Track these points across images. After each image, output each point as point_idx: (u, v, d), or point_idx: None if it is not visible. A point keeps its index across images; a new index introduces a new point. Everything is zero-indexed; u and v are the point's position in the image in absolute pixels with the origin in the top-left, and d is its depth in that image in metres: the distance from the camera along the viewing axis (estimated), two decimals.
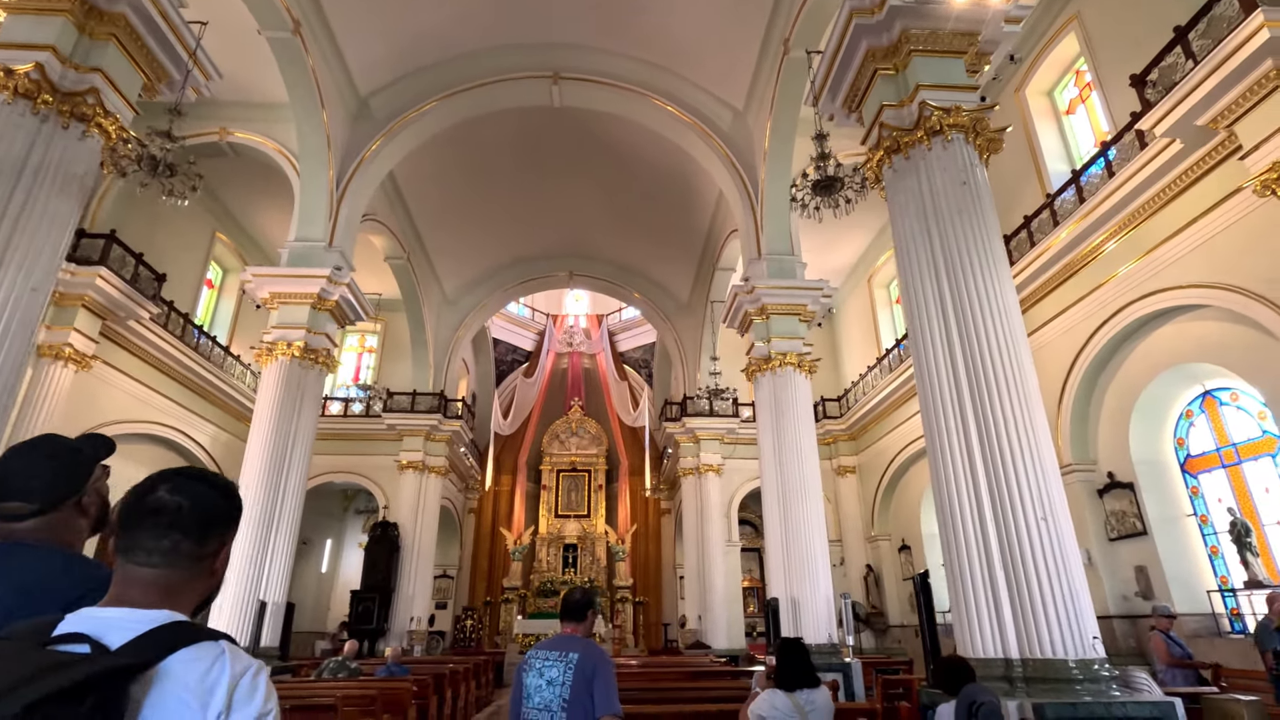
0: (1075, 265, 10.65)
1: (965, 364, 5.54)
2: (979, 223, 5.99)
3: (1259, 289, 7.80)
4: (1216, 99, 7.60)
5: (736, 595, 18.28)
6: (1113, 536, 10.14)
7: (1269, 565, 8.44)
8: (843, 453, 19.66)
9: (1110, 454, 10.44)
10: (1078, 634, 4.75)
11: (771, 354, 11.51)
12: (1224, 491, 9.16)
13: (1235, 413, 9.10)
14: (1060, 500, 5.17)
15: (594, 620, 3.28)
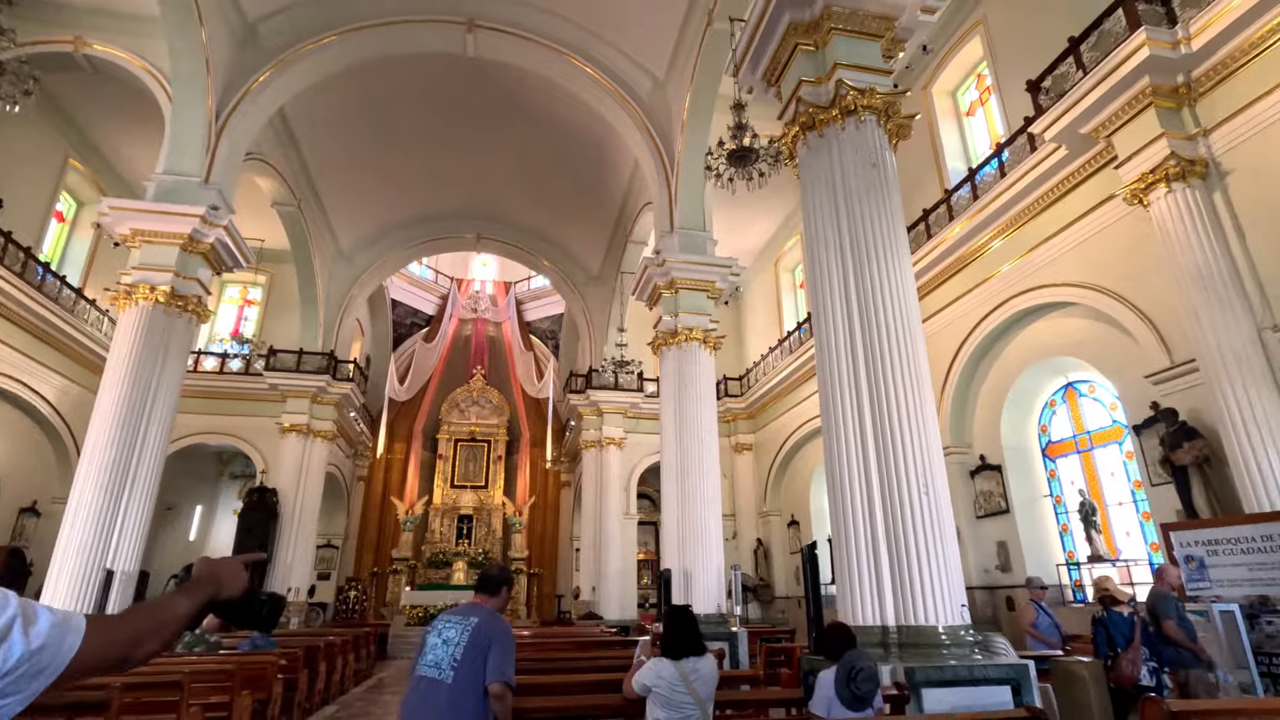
0: (966, 259, 11.25)
1: (863, 341, 5.65)
2: (885, 205, 6.09)
3: (1120, 290, 8.49)
4: (1099, 110, 8.13)
5: (631, 567, 18.47)
6: (980, 514, 10.92)
7: (1109, 542, 9.34)
8: (741, 430, 20.16)
9: (983, 438, 11.20)
10: (949, 603, 4.98)
11: (678, 329, 11.50)
12: (1076, 475, 10.03)
13: (1091, 404, 9.96)
14: (941, 477, 5.38)
15: (507, 595, 3.37)
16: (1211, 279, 7.06)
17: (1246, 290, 6.96)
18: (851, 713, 3.27)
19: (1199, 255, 7.18)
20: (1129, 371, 8.57)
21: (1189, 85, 7.59)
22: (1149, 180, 7.65)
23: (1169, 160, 7.45)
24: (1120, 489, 9.39)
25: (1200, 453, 7.16)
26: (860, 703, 3.28)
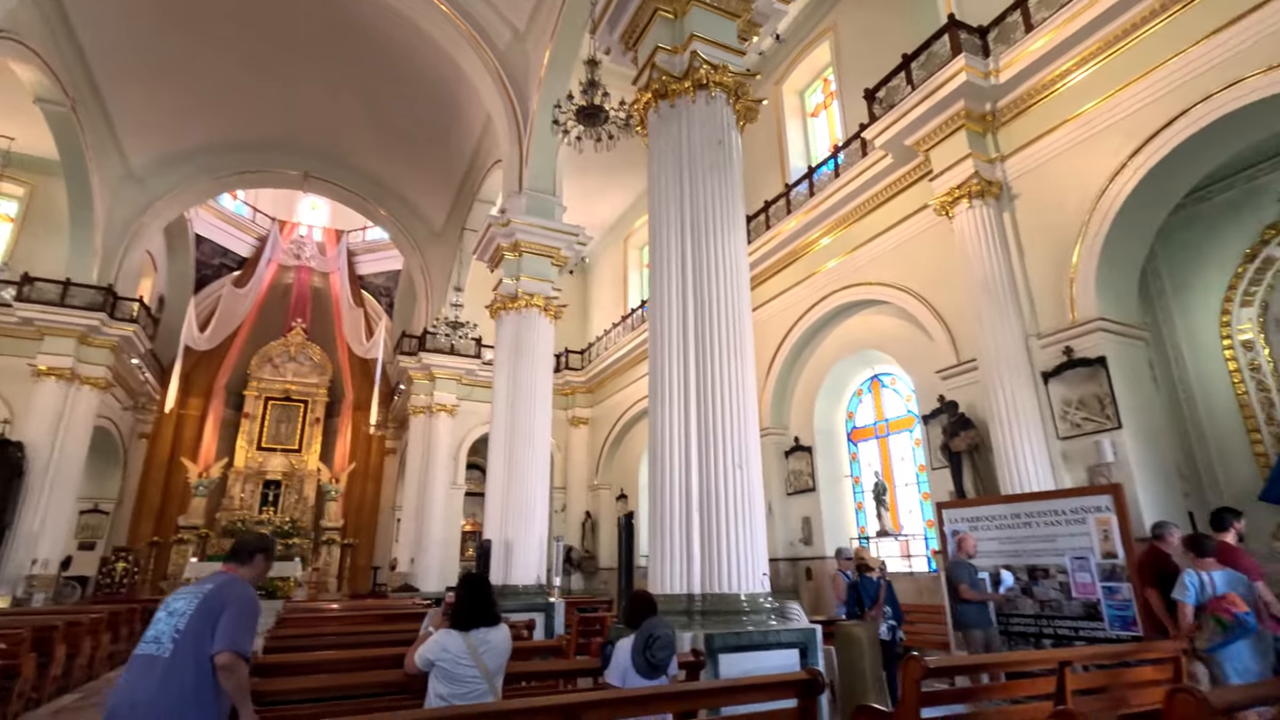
0: (798, 253, 11.90)
1: (695, 315, 5.67)
2: (727, 184, 6.15)
3: (924, 293, 9.37)
4: (921, 125, 8.85)
5: (455, 538, 17.85)
6: (790, 491, 11.71)
7: (895, 518, 10.41)
8: (579, 404, 20.13)
9: (799, 421, 11.99)
10: (752, 572, 5.16)
11: (519, 293, 11.09)
12: (874, 458, 11.06)
13: (892, 394, 11.00)
14: (755, 452, 5.55)
15: (262, 565, 2.94)
16: (995, 289, 7.97)
17: (1020, 301, 7.94)
18: (646, 680, 3.21)
19: (987, 267, 8.07)
20: (924, 367, 9.52)
21: (994, 114, 8.47)
22: (955, 195, 8.47)
23: (972, 179, 8.29)
24: (908, 472, 10.48)
25: (973, 441, 8.11)
26: (655, 670, 3.24)
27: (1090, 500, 6.39)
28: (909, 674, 3.20)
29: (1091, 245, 7.37)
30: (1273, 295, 7.70)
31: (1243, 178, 8.01)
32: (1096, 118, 7.45)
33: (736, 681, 2.98)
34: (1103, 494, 6.33)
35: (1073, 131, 7.67)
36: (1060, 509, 6.59)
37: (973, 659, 3.52)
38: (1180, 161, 6.92)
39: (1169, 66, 6.81)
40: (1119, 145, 7.21)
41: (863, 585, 6.46)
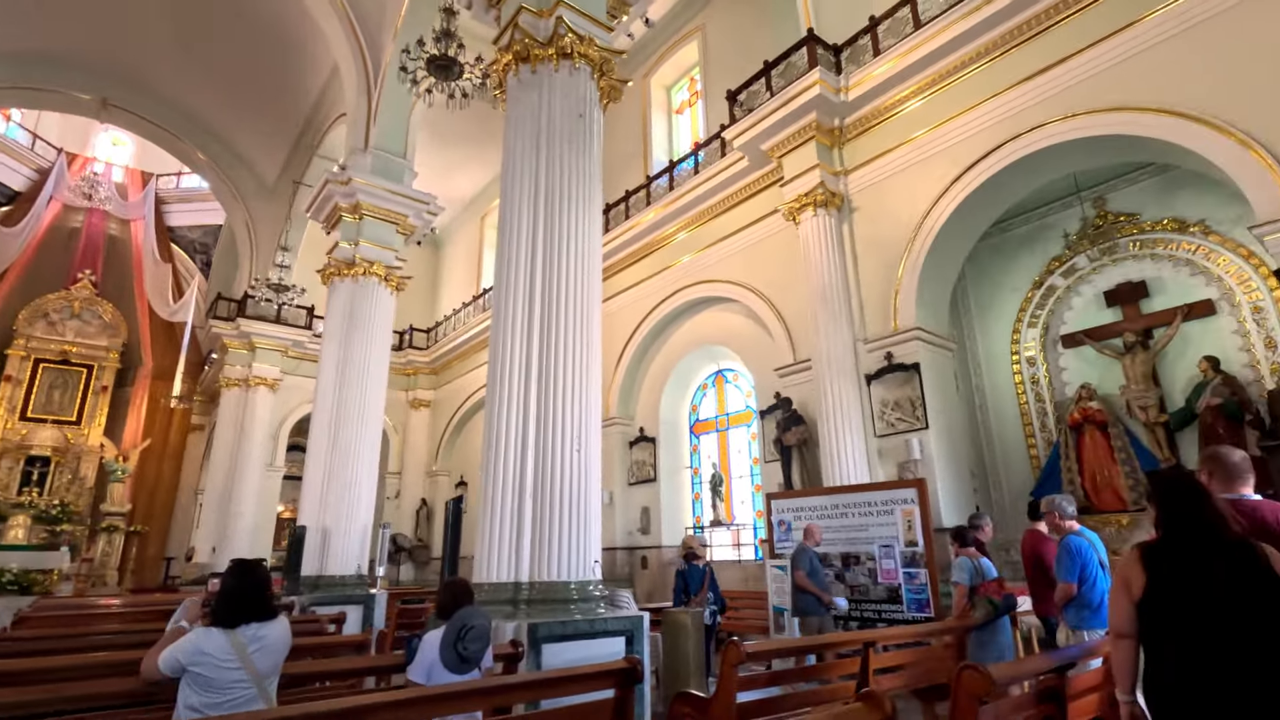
0: (654, 245, 11.98)
1: (543, 291, 5.42)
2: (586, 160, 5.94)
3: (769, 294, 9.77)
4: (776, 132, 9.19)
5: (268, 525, 16.18)
6: (632, 481, 11.79)
7: (728, 509, 10.81)
8: (422, 385, 19.05)
9: (645, 413, 12.11)
10: (584, 559, 5.01)
11: (357, 259, 10.17)
12: (713, 450, 11.42)
13: (734, 390, 11.41)
14: (596, 437, 5.40)
15: None
16: (831, 295, 8.46)
17: (852, 308, 8.48)
18: (455, 675, 2.92)
19: (825, 273, 8.54)
20: (765, 364, 9.92)
21: (842, 129, 8.98)
22: (802, 202, 8.88)
23: (818, 189, 8.73)
24: (743, 464, 10.92)
25: (802, 436, 8.56)
26: (466, 664, 2.96)
27: (898, 493, 6.93)
28: (727, 659, 3.18)
29: (915, 261, 8.02)
30: (1052, 319, 8.84)
31: (1037, 215, 9.12)
32: (927, 144, 8.11)
33: (550, 674, 2.79)
34: (909, 488, 6.90)
35: (907, 154, 8.31)
36: (873, 500, 7.11)
37: (788, 642, 3.62)
38: (991, 192, 7.71)
39: (988, 105, 7.56)
40: (944, 171, 7.90)
41: (690, 573, 6.61)
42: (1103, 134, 6.63)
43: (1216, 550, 2.09)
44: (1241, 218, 7.35)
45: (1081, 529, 4.67)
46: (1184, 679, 2.02)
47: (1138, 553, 2.27)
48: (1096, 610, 4.37)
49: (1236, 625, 1.97)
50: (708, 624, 6.41)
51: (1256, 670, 1.92)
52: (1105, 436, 7.91)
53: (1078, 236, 8.66)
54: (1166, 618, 2.09)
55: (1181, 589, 2.08)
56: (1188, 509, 2.17)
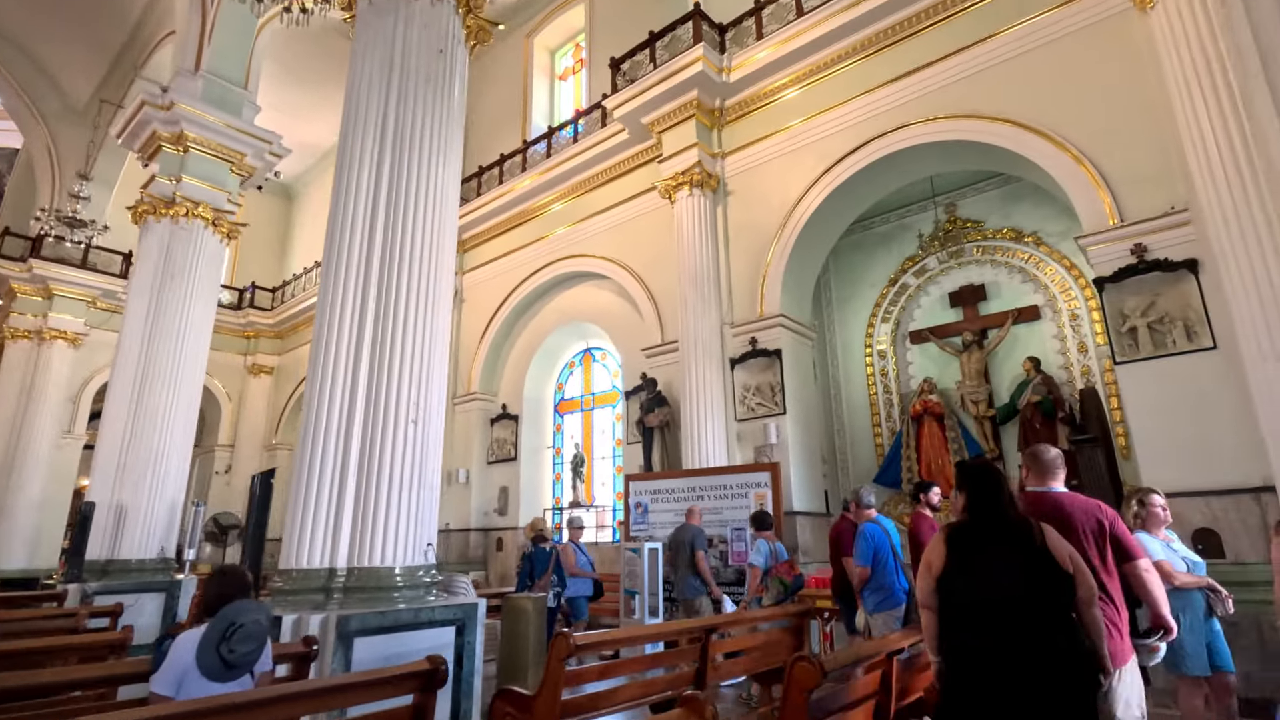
0: (528, 215, 11.42)
1: (384, 244, 4.81)
2: (445, 104, 5.35)
3: (641, 272, 9.56)
4: (658, 106, 8.95)
5: (63, 500, 13.99)
6: (491, 460, 11.25)
7: (589, 490, 10.57)
8: (264, 350, 17.24)
9: (509, 389, 11.58)
10: (414, 543, 4.52)
11: (178, 197, 8.83)
12: (577, 430, 11.12)
13: (601, 369, 11.15)
14: (438, 408, 4.90)
15: None
16: (701, 277, 8.37)
17: (721, 291, 8.45)
18: (216, 684, 2.40)
19: (697, 255, 8.45)
20: (633, 344, 9.73)
21: (722, 110, 8.89)
22: (679, 180, 8.72)
23: (695, 168, 8.60)
24: (606, 445, 10.72)
25: (665, 418, 8.45)
26: (233, 670, 2.44)
27: (753, 477, 6.97)
28: (555, 652, 2.88)
29: (783, 249, 8.10)
30: (904, 315, 9.30)
31: (896, 215, 9.55)
32: (801, 134, 8.19)
33: (336, 681, 2.35)
34: (764, 471, 6.95)
35: (782, 143, 8.35)
36: (728, 483, 7.11)
37: (625, 632, 3.39)
38: (857, 187, 7.91)
39: (859, 101, 7.72)
40: (815, 163, 8.01)
41: (536, 555, 6.32)
42: (958, 139, 6.95)
43: (1002, 531, 2.34)
44: (1068, 232, 8.02)
45: (878, 517, 5.00)
46: (966, 643, 2.26)
47: (943, 534, 2.47)
48: (890, 593, 4.71)
49: (1008, 596, 2.22)
50: (550, 606, 6.21)
51: (1023, 637, 2.16)
52: (941, 427, 8.43)
53: (930, 239, 9.14)
54: (957, 591, 2.33)
55: (969, 565, 2.32)
56: (983, 495, 2.39)
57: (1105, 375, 7.50)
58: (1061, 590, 2.23)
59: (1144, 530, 3.57)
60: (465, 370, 11.86)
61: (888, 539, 4.76)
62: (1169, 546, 3.54)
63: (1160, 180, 5.69)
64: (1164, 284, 5.54)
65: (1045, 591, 2.20)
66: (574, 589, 6.90)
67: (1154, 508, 3.59)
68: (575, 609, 6.87)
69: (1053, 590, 2.21)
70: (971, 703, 2.23)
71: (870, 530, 4.74)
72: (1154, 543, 3.51)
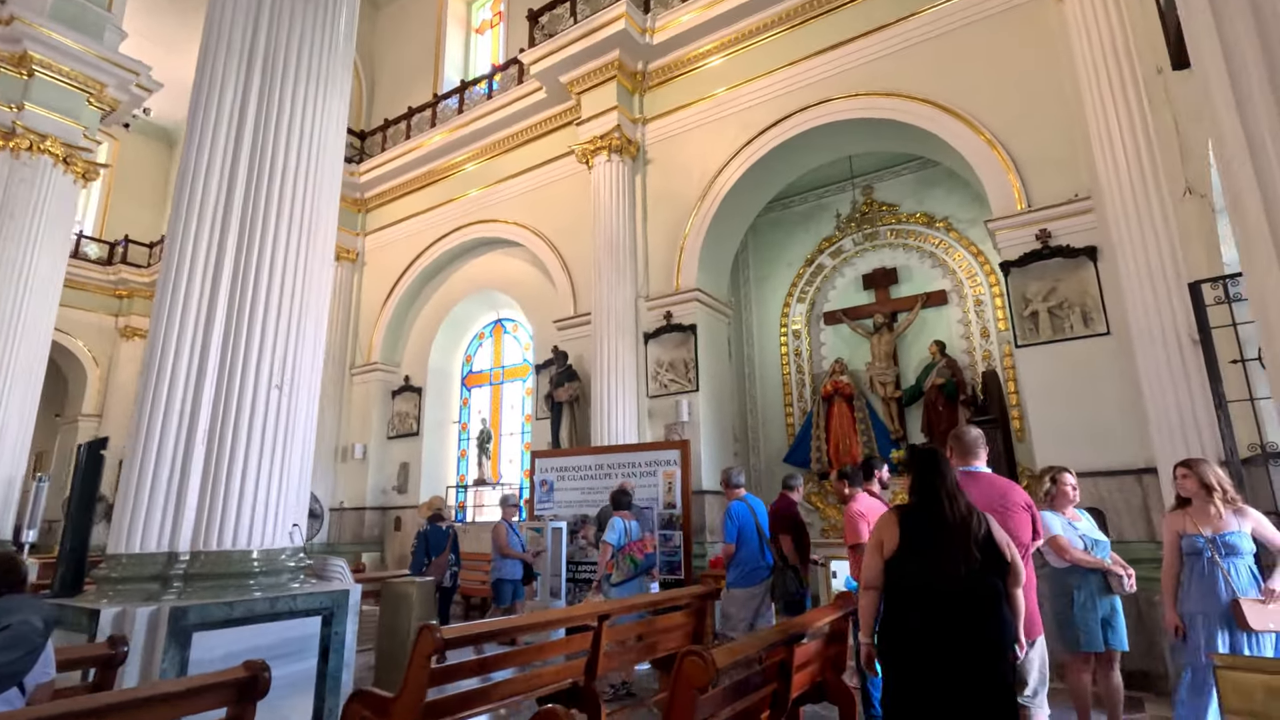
0: (439, 174, 10.71)
1: (249, 187, 4.20)
2: (328, 29, 4.74)
3: (555, 239, 9.12)
4: (576, 65, 8.48)
5: None
6: (392, 435, 10.59)
7: (495, 468, 10.12)
8: (138, 310, 15.59)
9: (413, 360, 10.90)
10: (277, 523, 4.01)
11: (19, 127, 7.68)
12: (485, 404, 10.61)
13: (512, 341, 10.66)
14: (310, 373, 4.36)
15: None
16: (617, 247, 8.03)
17: (637, 263, 8.15)
18: None
19: (614, 224, 8.09)
20: (546, 316, 9.28)
21: (644, 74, 8.52)
22: (597, 145, 8.31)
23: (615, 133, 8.21)
24: (515, 421, 10.28)
25: (575, 393, 8.11)
26: None
27: (663, 455, 6.75)
28: (419, 648, 2.51)
29: (702, 222, 7.86)
30: (819, 295, 9.30)
31: (815, 195, 9.51)
32: (724, 104, 7.94)
33: (119, 697, 1.89)
34: (674, 449, 6.74)
35: (704, 111, 8.08)
36: (637, 461, 6.86)
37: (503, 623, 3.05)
38: (779, 161, 7.74)
39: (784, 73, 7.53)
40: (736, 134, 7.78)
41: (432, 534, 5.93)
42: (880, 117, 6.87)
43: (952, 518, 2.39)
44: (977, 219, 8.16)
45: (746, 495, 5.19)
46: (912, 626, 2.33)
47: (895, 515, 2.52)
48: (752, 568, 4.90)
49: (956, 582, 2.30)
50: (446, 586, 5.95)
51: (965, 623, 2.26)
52: (850, 408, 8.49)
53: (847, 220, 9.15)
54: (908, 574, 2.38)
55: (921, 550, 2.37)
56: (933, 481, 2.45)
57: (1005, 360, 7.71)
58: (1003, 579, 2.36)
59: (1050, 508, 3.58)
60: (365, 339, 11.08)
61: (753, 517, 5.02)
62: (1070, 525, 3.55)
63: (1066, 167, 5.77)
64: (1065, 270, 5.64)
65: (989, 580, 2.32)
66: (505, 571, 6.57)
67: (1064, 486, 3.62)
68: (499, 593, 6.49)
69: (996, 579, 2.34)
70: (913, 683, 2.31)
71: (736, 509, 4.98)
72: (1055, 519, 3.51)
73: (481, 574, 8.54)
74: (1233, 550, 3.00)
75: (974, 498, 2.56)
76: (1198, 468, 3.17)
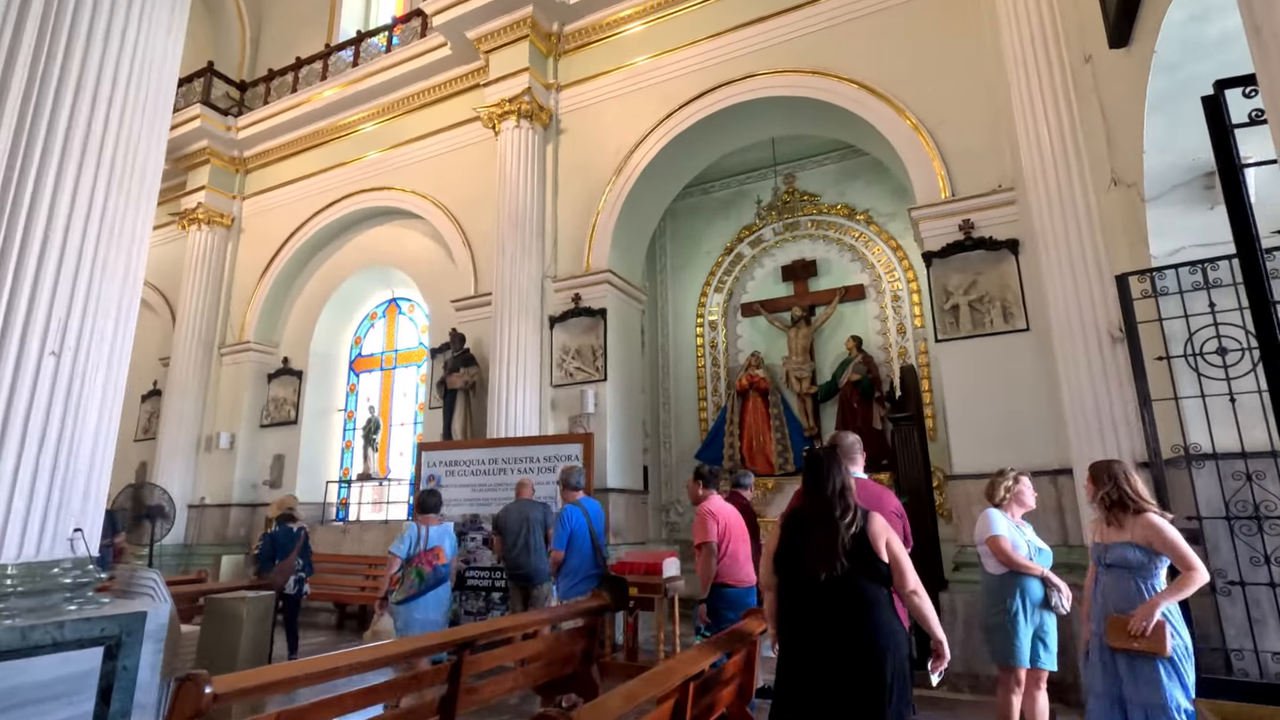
0: (329, 135, 9.65)
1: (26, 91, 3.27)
2: None
3: (457, 212, 8.32)
4: (485, 20, 7.73)
5: None
6: (265, 423, 9.46)
7: (383, 461, 9.21)
8: None
9: (294, 340, 9.79)
10: (49, 528, 3.13)
11: None
12: (374, 391, 9.65)
13: (408, 323, 9.74)
14: (117, 343, 3.48)
15: None
16: (524, 221, 7.35)
17: (545, 240, 7.49)
18: None
19: (521, 196, 7.41)
20: (445, 295, 8.46)
21: (560, 37, 7.86)
22: (505, 109, 7.59)
23: (525, 96, 7.52)
24: (408, 410, 9.39)
25: (472, 379, 7.37)
26: None
27: (564, 449, 6.15)
28: (176, 709, 1.80)
29: (616, 198, 7.29)
30: (737, 286, 8.93)
31: (737, 181, 9.14)
32: (644, 74, 7.40)
33: None
34: (576, 442, 6.15)
35: (623, 81, 7.51)
36: (535, 455, 6.23)
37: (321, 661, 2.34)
38: (699, 137, 7.26)
39: (708, 44, 7.06)
40: (656, 107, 7.26)
41: (279, 536, 5.15)
42: (805, 96, 6.51)
43: (823, 515, 2.31)
44: (897, 213, 7.99)
45: (583, 499, 4.80)
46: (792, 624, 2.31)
47: (780, 518, 2.50)
48: (582, 577, 4.53)
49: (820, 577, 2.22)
50: (291, 594, 5.22)
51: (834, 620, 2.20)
52: (765, 404, 8.16)
53: (768, 208, 8.82)
54: (784, 572, 2.36)
55: (795, 548, 2.33)
56: (812, 480, 2.40)
57: (920, 358, 7.56)
58: (873, 577, 2.24)
59: (997, 506, 3.26)
60: (239, 315, 9.86)
61: (587, 521, 4.67)
62: (1017, 528, 3.25)
63: (992, 157, 5.57)
64: (986, 263, 5.43)
65: (858, 583, 2.22)
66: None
67: (1023, 488, 3.36)
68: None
69: (864, 576, 2.23)
70: (788, 686, 2.27)
71: (569, 513, 4.65)
72: (1000, 519, 3.21)
73: (361, 578, 7.69)
74: (1120, 562, 2.71)
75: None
76: (1093, 470, 2.90)
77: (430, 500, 4.75)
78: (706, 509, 4.01)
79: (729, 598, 3.98)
